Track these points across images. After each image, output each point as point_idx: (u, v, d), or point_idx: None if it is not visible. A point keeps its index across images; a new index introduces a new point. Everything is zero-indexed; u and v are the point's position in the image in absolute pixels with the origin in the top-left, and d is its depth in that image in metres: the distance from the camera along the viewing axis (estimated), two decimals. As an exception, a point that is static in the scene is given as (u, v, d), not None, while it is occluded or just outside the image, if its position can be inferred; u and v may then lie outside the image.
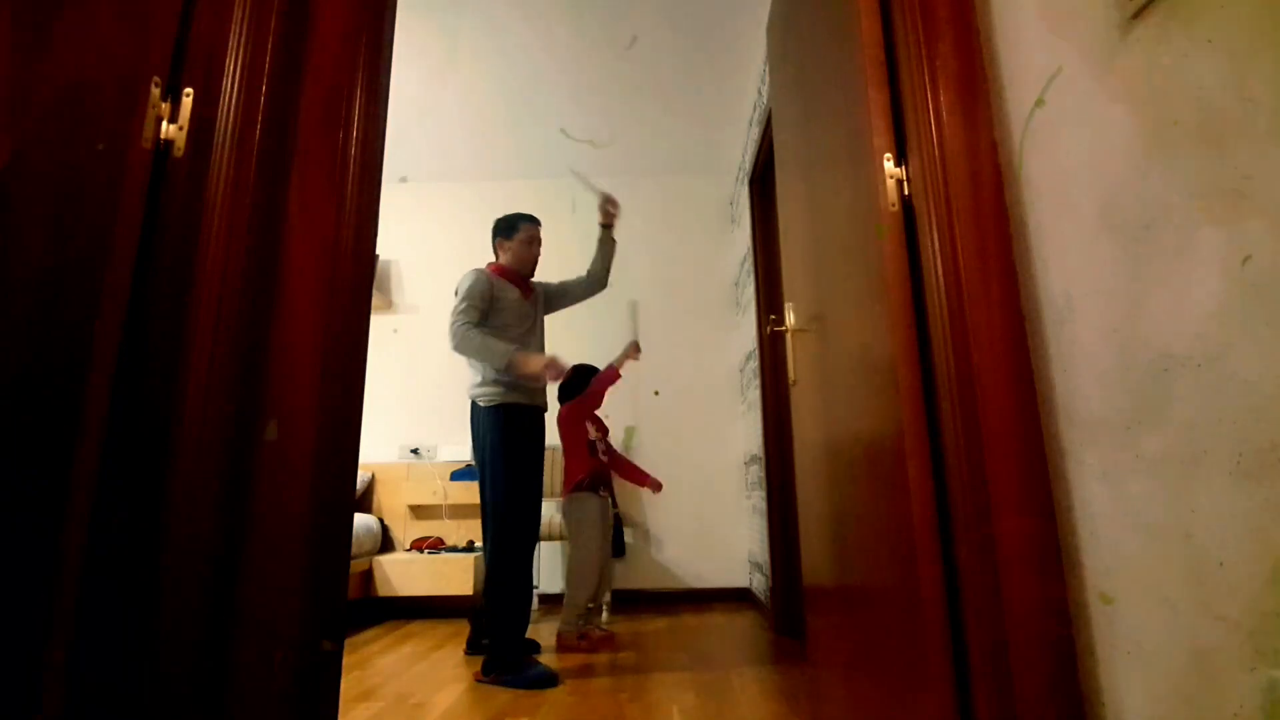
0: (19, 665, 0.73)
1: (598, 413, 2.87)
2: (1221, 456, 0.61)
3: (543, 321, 2.49)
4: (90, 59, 0.89)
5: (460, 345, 2.19)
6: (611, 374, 2.76)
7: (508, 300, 2.31)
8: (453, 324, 2.20)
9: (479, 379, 2.26)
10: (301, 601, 0.93)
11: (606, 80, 3.20)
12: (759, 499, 3.17)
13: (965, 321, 0.91)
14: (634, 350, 2.78)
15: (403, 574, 3.20)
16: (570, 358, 2.94)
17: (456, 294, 2.29)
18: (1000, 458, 0.85)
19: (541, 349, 2.41)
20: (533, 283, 2.50)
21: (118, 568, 0.83)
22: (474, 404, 2.30)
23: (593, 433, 2.80)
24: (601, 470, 2.77)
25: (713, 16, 2.78)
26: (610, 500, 2.90)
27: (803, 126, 1.53)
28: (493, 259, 2.49)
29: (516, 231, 2.45)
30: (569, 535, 2.67)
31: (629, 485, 3.71)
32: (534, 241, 2.48)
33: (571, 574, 2.59)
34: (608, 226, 2.62)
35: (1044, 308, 0.88)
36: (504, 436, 2.18)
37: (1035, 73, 0.90)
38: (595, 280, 2.67)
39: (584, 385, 2.79)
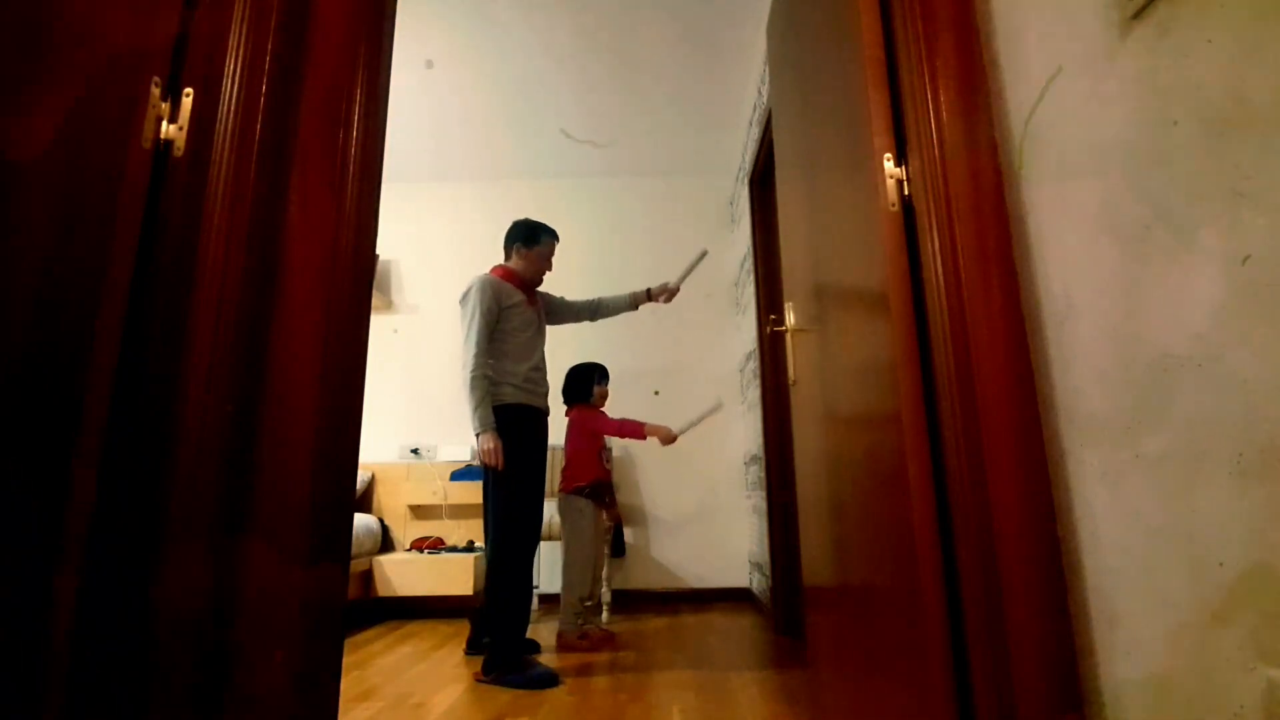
0: (19, 667, 0.73)
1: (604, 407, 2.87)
2: (1221, 456, 0.61)
3: (545, 332, 2.49)
4: (90, 59, 0.89)
5: (465, 384, 2.19)
6: (637, 432, 2.72)
7: (515, 306, 2.31)
8: (467, 360, 2.20)
9: None
10: (301, 602, 0.93)
11: (606, 80, 3.20)
12: (759, 499, 3.17)
13: (965, 321, 0.91)
14: (669, 437, 2.73)
15: (403, 574, 3.19)
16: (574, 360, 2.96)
17: (463, 304, 2.29)
18: (1000, 458, 0.85)
19: (543, 357, 2.41)
20: (536, 291, 2.50)
21: (118, 567, 0.83)
22: None
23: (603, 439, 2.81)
24: (605, 479, 2.77)
25: (713, 17, 2.78)
26: (613, 503, 2.91)
27: (803, 126, 1.53)
28: (500, 261, 2.48)
29: (538, 243, 2.43)
30: (563, 534, 2.67)
31: (628, 487, 3.73)
32: (551, 256, 2.48)
33: (565, 572, 2.59)
34: (648, 299, 2.70)
35: (1044, 308, 0.88)
36: (512, 435, 2.18)
37: (1035, 73, 0.90)
38: (595, 315, 2.73)
39: (586, 385, 2.79)
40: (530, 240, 2.43)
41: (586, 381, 2.80)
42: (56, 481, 0.78)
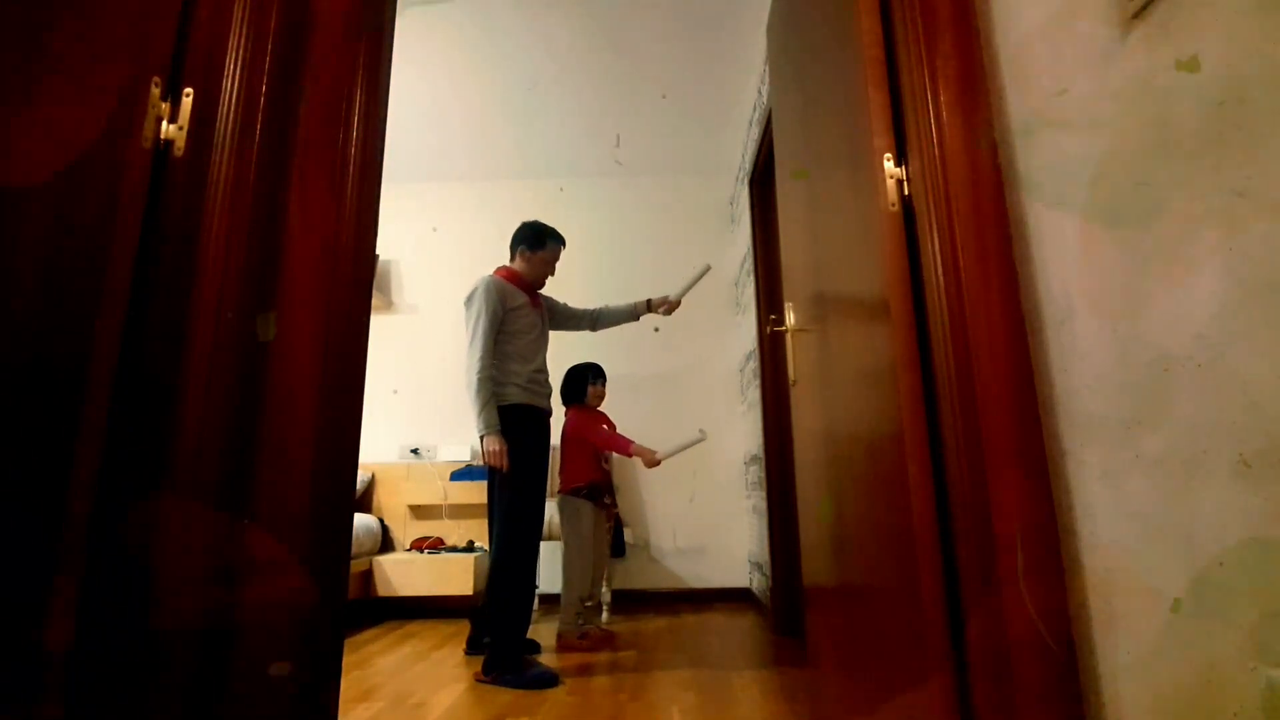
0: (18, 667, 0.73)
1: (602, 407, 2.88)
2: (1221, 456, 0.61)
3: (548, 333, 2.49)
4: (90, 59, 0.89)
5: (470, 387, 2.19)
6: (624, 448, 2.66)
7: (519, 308, 2.31)
8: (472, 362, 2.20)
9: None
10: (301, 604, 0.93)
11: (606, 80, 3.20)
12: (759, 499, 3.17)
13: (965, 321, 0.91)
14: (653, 461, 2.66)
15: (403, 574, 3.19)
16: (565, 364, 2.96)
17: (468, 306, 2.29)
18: (1000, 458, 0.85)
19: (546, 360, 2.41)
20: (539, 294, 2.50)
21: (117, 569, 0.83)
22: None
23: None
24: (602, 481, 2.77)
25: (713, 17, 2.78)
26: (612, 504, 2.91)
27: (803, 126, 1.53)
28: (502, 261, 2.48)
29: (543, 248, 2.43)
30: (562, 533, 2.67)
31: (628, 487, 3.73)
32: (555, 261, 2.48)
33: (565, 572, 2.60)
34: (649, 309, 2.71)
35: (1044, 308, 0.88)
36: (515, 436, 2.19)
37: (1035, 73, 0.90)
38: (595, 325, 2.73)
39: (580, 385, 2.80)
40: (536, 244, 2.43)
41: (581, 381, 2.82)
42: (56, 486, 0.78)
